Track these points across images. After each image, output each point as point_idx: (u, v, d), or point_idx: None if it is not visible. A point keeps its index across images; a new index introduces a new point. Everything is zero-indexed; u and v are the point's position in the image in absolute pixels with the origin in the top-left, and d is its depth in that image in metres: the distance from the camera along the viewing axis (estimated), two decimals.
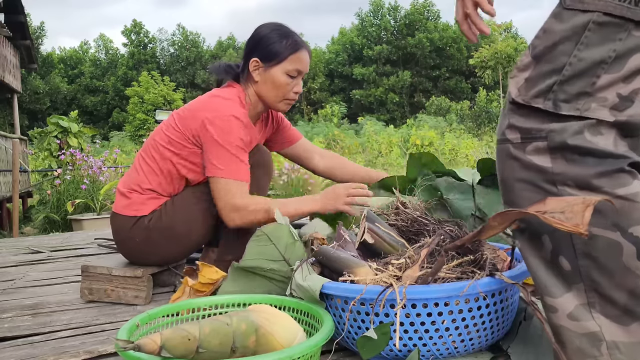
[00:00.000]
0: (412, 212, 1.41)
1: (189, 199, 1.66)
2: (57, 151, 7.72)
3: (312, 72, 34.47)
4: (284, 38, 1.65)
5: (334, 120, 20.68)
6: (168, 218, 1.64)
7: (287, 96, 1.69)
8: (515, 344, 1.13)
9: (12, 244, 3.30)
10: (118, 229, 1.70)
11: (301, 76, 1.70)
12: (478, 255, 1.07)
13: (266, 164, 1.80)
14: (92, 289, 1.71)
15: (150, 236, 1.64)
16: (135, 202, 1.66)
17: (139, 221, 1.65)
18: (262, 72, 1.67)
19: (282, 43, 1.64)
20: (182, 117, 1.65)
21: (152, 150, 1.68)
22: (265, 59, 1.65)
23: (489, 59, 23.95)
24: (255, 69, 1.67)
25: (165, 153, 1.65)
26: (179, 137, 1.63)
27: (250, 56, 1.68)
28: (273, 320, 0.97)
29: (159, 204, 1.67)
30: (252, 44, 1.69)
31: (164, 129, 1.69)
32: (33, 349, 1.31)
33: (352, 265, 1.13)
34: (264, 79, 1.67)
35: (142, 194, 1.66)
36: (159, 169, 1.66)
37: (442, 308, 1.01)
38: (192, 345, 0.86)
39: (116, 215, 1.69)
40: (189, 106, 1.68)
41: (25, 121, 27.89)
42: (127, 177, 1.73)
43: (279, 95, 1.68)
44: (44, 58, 34.73)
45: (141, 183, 1.66)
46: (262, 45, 1.66)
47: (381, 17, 38.10)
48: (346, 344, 1.16)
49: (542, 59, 0.79)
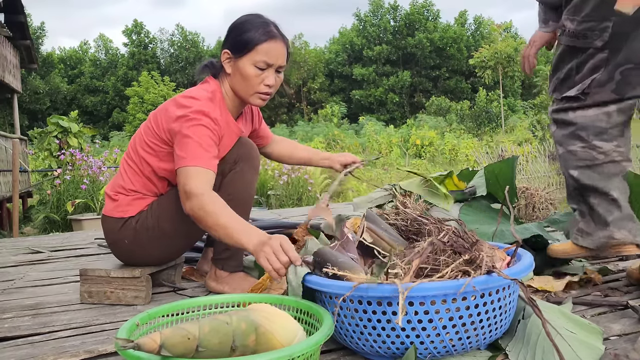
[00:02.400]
0: (412, 211, 1.42)
1: (174, 198, 1.64)
2: (57, 151, 7.73)
3: (312, 72, 34.44)
4: (254, 27, 1.57)
5: (334, 120, 20.69)
6: (154, 218, 1.64)
7: (257, 89, 1.60)
8: (513, 343, 1.14)
9: (12, 244, 3.31)
10: (108, 231, 1.71)
11: (272, 68, 1.60)
12: (475, 254, 1.07)
13: (252, 158, 1.72)
14: (91, 292, 1.71)
15: (138, 237, 1.65)
16: (121, 204, 1.66)
17: (126, 223, 1.65)
18: (233, 64, 1.61)
19: (251, 33, 1.56)
20: (155, 116, 1.64)
21: (132, 152, 1.68)
22: (235, 50, 1.59)
23: (488, 59, 23.92)
24: (226, 60, 1.62)
25: (143, 154, 1.64)
26: (154, 137, 1.62)
27: (224, 47, 1.63)
28: (273, 319, 0.97)
29: (145, 205, 1.66)
30: (227, 34, 1.64)
31: (142, 130, 1.68)
32: (33, 348, 1.32)
33: (347, 269, 1.12)
34: (234, 71, 1.61)
35: (127, 195, 1.66)
36: (140, 170, 1.66)
37: (439, 306, 1.01)
38: (192, 344, 0.87)
39: (105, 217, 1.71)
40: (161, 106, 1.66)
41: (25, 121, 27.87)
42: (113, 180, 1.74)
43: (249, 89, 1.60)
44: (44, 58, 34.68)
45: (125, 185, 1.67)
46: (232, 36, 1.61)
47: (381, 17, 38.08)
48: (345, 342, 1.17)
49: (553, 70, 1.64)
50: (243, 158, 1.69)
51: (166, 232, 1.65)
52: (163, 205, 1.65)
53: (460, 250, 1.10)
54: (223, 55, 1.62)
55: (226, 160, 1.66)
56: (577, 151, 1.54)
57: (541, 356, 1.07)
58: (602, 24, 1.47)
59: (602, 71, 1.48)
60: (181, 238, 1.71)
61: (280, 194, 6.56)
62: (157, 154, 1.62)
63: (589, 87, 1.51)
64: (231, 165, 1.67)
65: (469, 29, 40.13)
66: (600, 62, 1.49)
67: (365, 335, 1.08)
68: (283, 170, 6.67)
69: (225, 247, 1.70)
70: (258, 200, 6.15)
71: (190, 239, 1.74)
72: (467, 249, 1.10)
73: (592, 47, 1.49)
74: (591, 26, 1.48)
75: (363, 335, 1.09)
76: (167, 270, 1.87)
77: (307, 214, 1.82)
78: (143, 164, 1.65)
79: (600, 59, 1.49)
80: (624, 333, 1.23)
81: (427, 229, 1.28)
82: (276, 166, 7.36)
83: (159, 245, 1.68)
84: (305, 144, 12.53)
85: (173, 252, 1.77)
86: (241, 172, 1.68)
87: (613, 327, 1.27)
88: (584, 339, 1.12)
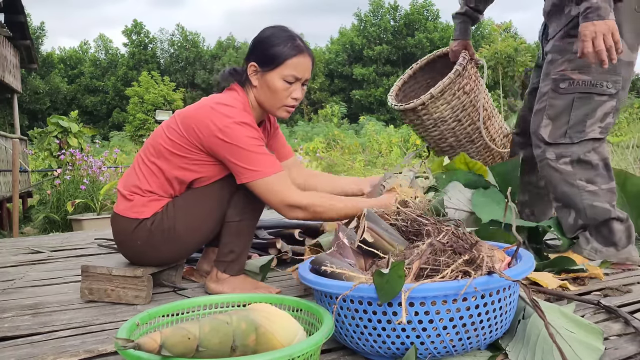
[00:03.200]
0: (412, 212, 1.42)
1: (190, 200, 1.65)
2: (57, 151, 7.74)
3: (312, 72, 34.39)
4: (282, 42, 1.60)
5: (334, 120, 20.66)
6: (170, 220, 1.64)
7: (285, 102, 1.65)
8: (513, 343, 1.14)
9: (12, 244, 3.30)
10: (120, 230, 1.69)
11: (300, 82, 1.65)
12: (474, 254, 1.07)
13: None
14: (92, 289, 1.71)
15: (152, 238, 1.64)
16: (136, 205, 1.64)
17: (141, 224, 1.64)
18: (260, 77, 1.64)
19: (279, 47, 1.60)
20: (187, 123, 1.61)
21: (154, 152, 1.66)
22: (263, 63, 1.62)
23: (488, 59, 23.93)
24: (253, 73, 1.65)
25: (169, 157, 1.63)
26: (185, 143, 1.60)
27: (250, 60, 1.65)
28: (273, 319, 0.97)
29: (160, 206, 1.65)
30: (252, 47, 1.66)
31: (166, 132, 1.65)
32: (33, 348, 1.31)
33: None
34: (261, 84, 1.64)
35: (143, 196, 1.65)
36: (160, 172, 1.64)
37: (439, 306, 1.01)
38: (192, 344, 0.87)
39: (118, 216, 1.68)
40: (194, 112, 1.62)
41: (25, 121, 27.85)
42: (127, 177, 1.71)
43: (277, 102, 1.64)
44: (44, 58, 34.67)
45: (142, 185, 1.65)
46: (260, 49, 1.63)
47: (381, 17, 38.09)
48: (345, 342, 1.17)
49: (556, 119, 1.89)
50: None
51: (181, 234, 1.65)
52: (179, 207, 1.64)
53: (460, 251, 1.10)
54: (250, 67, 1.64)
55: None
56: (609, 188, 1.85)
57: (541, 356, 1.07)
58: (614, 76, 1.79)
59: (612, 115, 1.82)
60: (195, 239, 1.70)
61: None
62: (186, 158, 1.61)
63: (605, 129, 1.83)
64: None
65: None
66: (611, 108, 1.83)
67: (366, 335, 1.08)
68: None
69: (230, 250, 1.70)
70: None
71: (203, 239, 1.74)
72: (467, 250, 1.10)
73: (606, 94, 1.81)
74: (606, 77, 1.79)
75: (363, 335, 1.09)
76: (168, 271, 1.87)
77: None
78: (164, 167, 1.63)
79: (611, 105, 1.82)
80: (624, 333, 1.23)
81: (427, 230, 1.28)
82: None
83: (172, 247, 1.67)
84: (305, 144, 12.53)
85: (185, 253, 1.76)
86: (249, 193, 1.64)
87: (613, 327, 1.27)
88: (584, 339, 1.12)
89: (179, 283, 1.90)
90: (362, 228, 1.30)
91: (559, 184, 1.88)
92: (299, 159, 6.86)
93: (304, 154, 8.98)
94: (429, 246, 1.12)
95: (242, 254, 1.72)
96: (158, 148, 1.65)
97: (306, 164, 7.17)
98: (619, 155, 5.54)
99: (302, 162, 6.92)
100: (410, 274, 1.07)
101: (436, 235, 1.20)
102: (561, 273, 1.70)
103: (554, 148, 1.88)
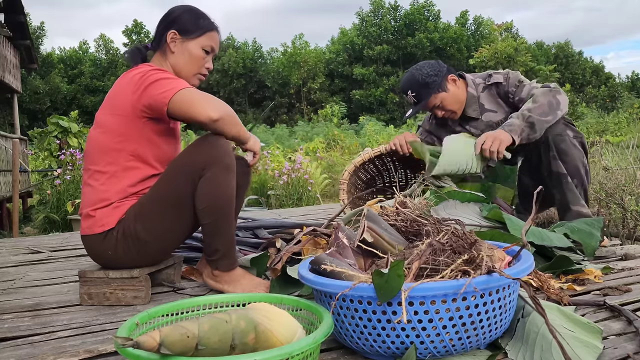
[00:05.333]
0: (412, 212, 1.42)
1: (147, 202, 1.64)
2: (57, 151, 7.74)
3: (312, 72, 34.44)
4: (203, 17, 1.77)
5: (334, 121, 20.66)
6: (132, 224, 1.62)
7: (200, 70, 1.78)
8: (513, 342, 1.14)
9: (12, 244, 3.30)
10: (91, 247, 1.69)
11: (211, 55, 1.80)
12: (474, 254, 1.08)
13: (220, 157, 1.64)
14: (90, 294, 1.70)
15: (120, 247, 1.63)
16: (101, 218, 1.64)
17: (108, 235, 1.63)
18: (180, 43, 1.74)
19: (202, 20, 1.76)
20: (111, 103, 1.66)
21: (100, 153, 1.65)
22: (185, 32, 1.74)
23: (489, 59, 23.92)
24: (172, 40, 1.74)
25: (122, 145, 1.63)
26: (121, 119, 1.62)
27: (168, 29, 1.74)
28: (272, 317, 0.98)
29: (122, 212, 1.64)
30: (170, 19, 1.76)
31: (99, 132, 1.66)
32: (33, 348, 1.32)
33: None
34: (181, 50, 1.75)
35: (104, 207, 1.64)
36: (112, 165, 1.63)
37: (439, 306, 1.01)
38: (191, 343, 0.87)
39: (85, 237, 1.68)
40: (112, 90, 1.69)
41: (25, 121, 27.87)
42: (84, 198, 1.69)
43: (194, 68, 1.77)
44: (44, 58, 34.69)
45: (99, 195, 1.64)
46: (181, 20, 1.75)
47: (381, 17, 38.09)
48: (344, 341, 1.17)
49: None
50: (211, 161, 1.60)
51: (144, 237, 1.63)
52: (138, 211, 1.63)
53: (459, 250, 1.10)
54: (169, 35, 1.74)
55: (194, 167, 1.60)
56: None
57: (540, 355, 1.07)
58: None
59: None
60: (162, 239, 1.68)
61: (280, 194, 6.56)
62: (130, 135, 1.62)
63: None
64: (200, 171, 1.60)
65: (469, 29, 40.13)
66: None
67: (365, 335, 1.08)
68: (283, 170, 6.67)
69: (215, 249, 1.68)
70: (258, 200, 6.15)
71: (174, 238, 1.71)
72: (467, 249, 1.10)
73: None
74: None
75: (363, 335, 1.09)
76: (167, 270, 1.88)
77: (305, 213, 1.84)
78: (114, 157, 1.63)
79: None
80: (624, 332, 1.23)
81: (426, 230, 1.28)
82: (276, 166, 7.36)
83: (143, 250, 1.65)
84: (305, 144, 12.53)
85: (159, 254, 1.74)
86: (213, 176, 1.59)
87: (613, 326, 1.27)
88: (583, 338, 1.12)
89: (178, 283, 1.90)
90: (361, 228, 1.30)
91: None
92: (299, 158, 6.87)
93: (304, 154, 8.98)
94: (428, 246, 1.12)
95: (229, 249, 1.69)
96: (104, 149, 1.64)
97: (306, 164, 7.16)
98: (619, 155, 5.54)
99: (302, 162, 6.91)
100: (410, 274, 1.07)
101: (436, 235, 1.21)
102: (560, 276, 1.70)
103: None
